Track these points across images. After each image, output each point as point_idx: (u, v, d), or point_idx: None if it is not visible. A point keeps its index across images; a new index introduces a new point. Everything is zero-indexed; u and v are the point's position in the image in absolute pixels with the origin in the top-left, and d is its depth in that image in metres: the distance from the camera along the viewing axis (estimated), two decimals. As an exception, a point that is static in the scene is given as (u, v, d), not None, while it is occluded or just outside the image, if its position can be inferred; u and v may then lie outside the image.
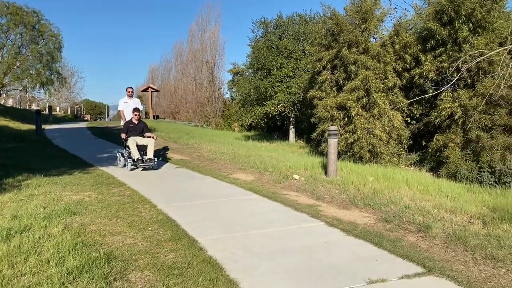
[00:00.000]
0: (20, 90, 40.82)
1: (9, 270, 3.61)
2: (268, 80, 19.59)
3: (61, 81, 37.13)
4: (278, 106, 19.30)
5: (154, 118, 38.50)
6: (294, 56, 19.83)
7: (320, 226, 5.43)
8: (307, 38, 19.99)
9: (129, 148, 9.50)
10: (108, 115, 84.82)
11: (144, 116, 43.73)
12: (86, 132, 22.23)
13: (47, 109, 37.53)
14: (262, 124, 22.94)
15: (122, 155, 9.91)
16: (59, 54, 33.63)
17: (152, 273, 3.78)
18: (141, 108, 10.47)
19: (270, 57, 19.93)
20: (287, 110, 20.22)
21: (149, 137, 9.83)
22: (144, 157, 9.36)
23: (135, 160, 9.33)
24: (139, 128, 9.89)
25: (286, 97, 19.19)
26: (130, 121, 9.94)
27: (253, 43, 23.81)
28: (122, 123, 10.55)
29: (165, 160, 11.41)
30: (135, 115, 9.89)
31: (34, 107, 54.34)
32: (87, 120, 48.74)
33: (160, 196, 6.86)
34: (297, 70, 19.58)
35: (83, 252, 4.10)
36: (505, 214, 5.47)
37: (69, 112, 63.66)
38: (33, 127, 19.02)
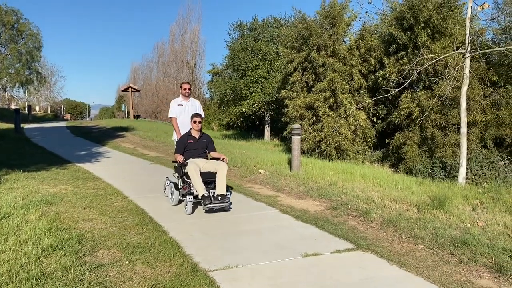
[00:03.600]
0: (-1, 89, 40.58)
1: (-9, 249, 4.13)
2: (243, 81, 20.26)
3: (40, 81, 37.15)
4: (253, 106, 19.98)
5: (134, 117, 38.76)
6: (268, 58, 20.56)
7: (274, 213, 6.08)
8: (281, 41, 20.66)
9: (188, 178, 6.06)
10: (89, 115, 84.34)
11: (126, 116, 43.89)
12: (65, 131, 22.52)
13: (26, 109, 37.46)
14: (239, 123, 23.59)
15: (176, 186, 6.44)
16: (38, 53, 33.74)
17: (118, 251, 4.34)
18: (202, 113, 7.06)
19: (245, 58, 20.62)
20: (261, 110, 20.90)
21: (218, 159, 6.42)
22: (211, 190, 6.02)
23: (200, 197, 5.82)
24: (201, 145, 6.49)
25: (261, 97, 19.89)
26: (188, 135, 6.50)
27: (230, 45, 24.44)
28: (174, 136, 7.28)
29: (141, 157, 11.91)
30: (194, 122, 6.40)
31: (13, 106, 53.91)
32: (67, 120, 48.60)
33: (132, 189, 7.42)
34: (271, 72, 20.29)
35: (57, 234, 4.63)
36: (437, 202, 6.20)
37: (49, 111, 63.29)
38: (12, 126, 19.29)
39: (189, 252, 4.32)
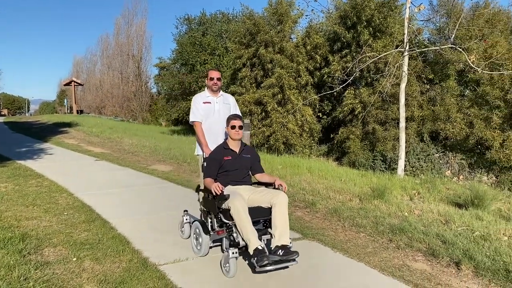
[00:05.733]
0: None
1: None
2: (192, 76, 20.13)
3: (-27, 73, 34.80)
4: (203, 101, 19.90)
5: (78, 112, 37.36)
6: (217, 53, 20.54)
7: (224, 207, 6.16)
8: (230, 36, 20.74)
9: (227, 218, 3.79)
10: (28, 110, 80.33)
11: (68, 111, 42.16)
12: (2, 127, 21.38)
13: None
14: (188, 119, 23.42)
15: (205, 228, 4.13)
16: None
17: (65, 248, 4.27)
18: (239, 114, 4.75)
19: (194, 53, 20.50)
20: (211, 105, 20.86)
21: (270, 184, 4.23)
22: (262, 237, 3.85)
23: (252, 252, 3.56)
24: (243, 163, 4.25)
25: (210, 92, 19.83)
26: (224, 147, 4.26)
27: (178, 39, 24.15)
28: (199, 151, 4.83)
29: (86, 153, 11.58)
30: (233, 128, 4.18)
31: None
32: (4, 115, 45.98)
33: (78, 186, 7.23)
34: (220, 67, 20.29)
35: (-2, 233, 4.47)
36: (378, 192, 6.57)
37: (-17, 106, 59.48)
38: None
39: (139, 248, 4.32)
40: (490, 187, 9.37)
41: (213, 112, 4.83)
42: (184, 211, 4.83)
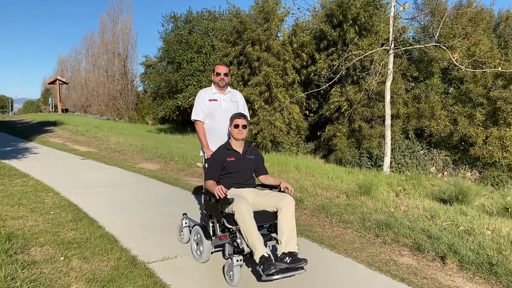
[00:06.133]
0: None
1: None
2: (178, 74, 20.07)
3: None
4: (190, 99, 19.86)
5: (63, 111, 36.92)
6: (204, 51, 20.50)
7: (212, 205, 6.18)
8: (216, 34, 20.73)
9: (231, 222, 3.61)
10: (12, 109, 79.20)
11: (53, 110, 41.63)
12: (-15, 126, 20.99)
13: None
14: (175, 117, 23.34)
15: (206, 232, 3.93)
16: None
17: (52, 247, 4.23)
18: (248, 113, 4.74)
19: (180, 51, 20.43)
20: (198, 103, 20.83)
21: (275, 187, 4.04)
22: (268, 243, 3.67)
23: (258, 259, 3.32)
24: (247, 165, 4.08)
25: (197, 90, 19.82)
26: (227, 148, 4.06)
27: (164, 37, 24.04)
28: (202, 153, 4.51)
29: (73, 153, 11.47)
30: (236, 127, 3.98)
31: None
32: (-14, 114, 45.16)
33: (64, 185, 7.16)
34: (207, 65, 20.27)
35: (-17, 233, 4.42)
36: (364, 189, 6.65)
37: (-36, 105, 58.41)
38: None
39: (127, 246, 4.30)
40: (474, 183, 9.53)
41: (220, 110, 4.52)
42: (183, 214, 4.60)
